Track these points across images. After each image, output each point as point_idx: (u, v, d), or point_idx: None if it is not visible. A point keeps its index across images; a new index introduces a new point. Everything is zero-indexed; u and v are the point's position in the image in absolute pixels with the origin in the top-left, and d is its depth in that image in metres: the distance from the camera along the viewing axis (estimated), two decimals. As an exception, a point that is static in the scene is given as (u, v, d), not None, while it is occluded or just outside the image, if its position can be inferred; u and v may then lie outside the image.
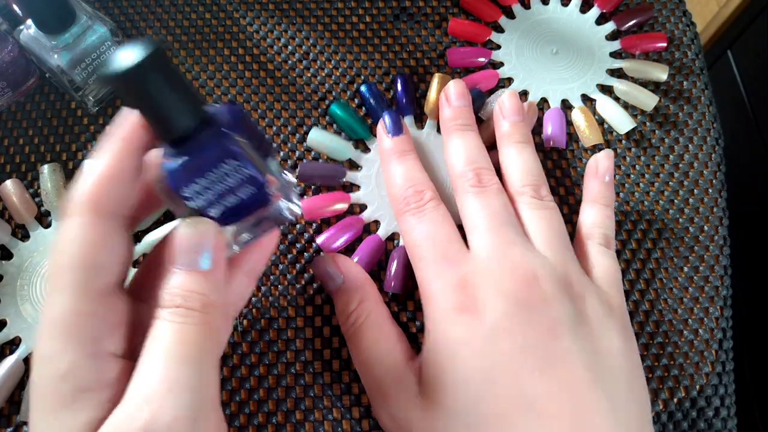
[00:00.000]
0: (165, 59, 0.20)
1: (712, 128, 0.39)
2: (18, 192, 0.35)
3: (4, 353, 0.32)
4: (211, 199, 0.21)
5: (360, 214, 0.35)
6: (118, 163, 0.21)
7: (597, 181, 0.33)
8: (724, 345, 0.34)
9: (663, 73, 0.38)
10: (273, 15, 0.41)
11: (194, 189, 0.21)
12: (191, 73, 0.39)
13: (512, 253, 0.27)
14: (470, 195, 0.30)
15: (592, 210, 0.32)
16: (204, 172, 0.21)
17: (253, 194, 0.22)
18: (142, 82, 0.20)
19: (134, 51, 0.19)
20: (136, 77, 0.19)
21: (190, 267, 0.20)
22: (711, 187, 0.37)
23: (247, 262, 0.26)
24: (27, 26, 0.34)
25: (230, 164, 0.21)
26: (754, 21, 0.82)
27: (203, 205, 0.21)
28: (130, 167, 0.21)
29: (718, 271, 0.35)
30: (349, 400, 0.31)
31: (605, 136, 0.38)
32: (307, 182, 0.35)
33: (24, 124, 0.37)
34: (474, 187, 0.30)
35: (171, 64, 0.20)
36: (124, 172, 0.21)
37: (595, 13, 0.41)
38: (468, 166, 0.31)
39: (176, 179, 0.21)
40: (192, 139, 0.21)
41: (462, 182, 0.30)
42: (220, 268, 0.21)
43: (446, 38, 0.41)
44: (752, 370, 0.74)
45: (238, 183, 0.21)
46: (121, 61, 0.19)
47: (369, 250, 0.33)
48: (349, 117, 0.37)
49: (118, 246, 0.21)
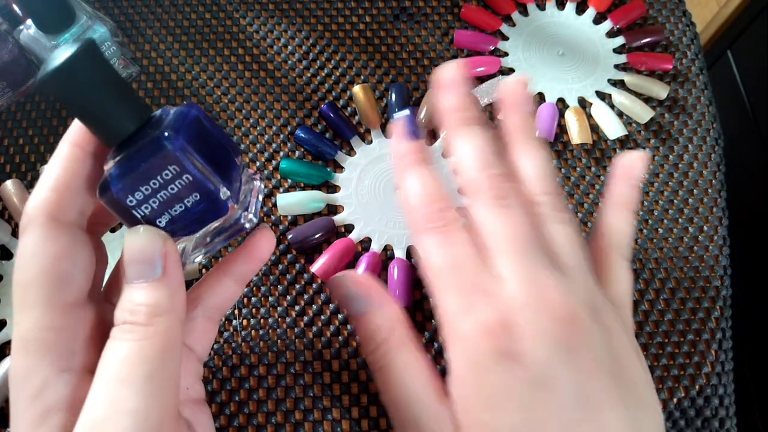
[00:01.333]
0: (97, 59, 0.19)
1: (712, 128, 0.39)
2: (18, 192, 0.35)
3: (4, 353, 0.32)
4: (155, 209, 0.20)
5: (342, 227, 0.35)
6: (71, 170, 0.20)
7: (630, 184, 0.29)
8: (724, 345, 0.34)
9: (663, 91, 0.39)
10: (273, 15, 0.41)
11: (137, 197, 0.20)
12: (191, 73, 0.39)
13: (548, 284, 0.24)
14: (491, 209, 0.25)
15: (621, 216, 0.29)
16: (147, 179, 0.19)
17: (203, 203, 0.20)
18: (69, 84, 0.18)
19: (64, 52, 0.18)
20: (63, 79, 0.18)
21: (132, 279, 0.20)
22: (711, 187, 0.37)
23: (237, 269, 0.25)
24: (27, 26, 0.34)
25: (173, 171, 0.19)
26: (754, 21, 0.82)
27: (149, 214, 0.20)
28: (84, 173, 0.20)
29: (718, 271, 0.35)
30: (348, 400, 0.31)
31: (600, 141, 0.38)
32: (302, 247, 0.34)
33: (24, 124, 0.37)
34: (495, 201, 0.25)
35: (105, 64, 0.19)
36: (78, 178, 0.20)
37: (592, 14, 0.42)
38: (484, 171, 0.26)
39: (118, 186, 0.19)
40: (133, 143, 0.20)
41: (478, 191, 0.26)
42: (171, 275, 0.20)
43: (446, 38, 0.41)
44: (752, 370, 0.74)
45: (185, 190, 0.20)
46: (50, 64, 0.18)
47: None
48: (301, 167, 0.36)
49: (83, 255, 0.20)
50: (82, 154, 0.20)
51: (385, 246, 0.35)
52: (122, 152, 0.20)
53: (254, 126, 0.38)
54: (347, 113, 0.38)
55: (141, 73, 0.39)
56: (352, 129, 0.37)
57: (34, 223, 0.19)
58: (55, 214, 0.20)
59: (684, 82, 0.40)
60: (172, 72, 0.39)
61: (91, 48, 0.18)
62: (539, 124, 0.37)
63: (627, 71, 0.40)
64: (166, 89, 0.38)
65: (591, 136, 0.38)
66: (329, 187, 0.36)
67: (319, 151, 0.36)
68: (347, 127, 0.37)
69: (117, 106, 0.19)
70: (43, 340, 0.19)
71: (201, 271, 0.34)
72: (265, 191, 0.36)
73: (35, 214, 0.20)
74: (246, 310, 0.33)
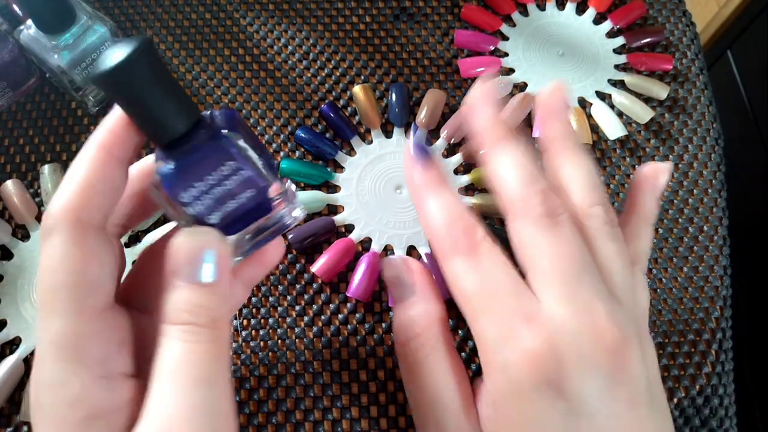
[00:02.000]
0: (154, 57, 0.19)
1: (712, 128, 0.39)
2: (18, 192, 0.35)
3: (4, 353, 0.32)
4: (210, 204, 0.20)
5: (343, 227, 0.35)
6: (98, 173, 0.20)
7: (654, 197, 0.27)
8: (724, 345, 0.34)
9: (663, 92, 0.39)
10: (273, 15, 0.41)
11: (192, 194, 0.20)
12: (191, 73, 0.39)
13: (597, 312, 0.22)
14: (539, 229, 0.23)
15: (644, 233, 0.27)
16: (202, 175, 0.20)
17: (255, 198, 0.21)
18: (130, 81, 0.19)
19: (123, 48, 0.18)
20: (124, 76, 0.18)
21: (193, 280, 0.19)
22: (711, 187, 0.37)
23: (247, 273, 0.25)
24: (27, 26, 0.34)
25: (229, 166, 0.20)
26: (754, 21, 0.82)
27: (202, 210, 0.20)
28: (111, 175, 0.20)
29: (718, 271, 0.35)
30: (348, 400, 0.31)
31: (599, 141, 0.38)
32: (302, 246, 0.34)
33: (24, 124, 0.37)
34: (544, 219, 0.23)
35: (161, 62, 0.19)
36: (104, 181, 0.20)
37: (592, 14, 0.42)
38: (530, 187, 0.24)
39: (172, 184, 0.20)
40: (187, 141, 0.20)
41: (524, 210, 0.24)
42: (225, 280, 0.20)
43: (446, 38, 0.41)
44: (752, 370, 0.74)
45: (239, 186, 0.20)
46: (109, 60, 0.18)
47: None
48: (301, 167, 0.36)
49: (109, 259, 0.20)
50: (109, 157, 0.20)
51: (386, 246, 0.35)
52: (175, 150, 0.20)
53: (254, 126, 0.38)
54: (347, 113, 0.38)
55: (141, 73, 0.39)
56: (353, 129, 0.37)
57: (61, 225, 0.19)
58: (82, 217, 0.19)
59: (684, 82, 0.40)
60: (172, 72, 0.39)
61: (148, 46, 0.18)
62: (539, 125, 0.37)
63: (627, 71, 0.40)
64: (167, 89, 0.38)
65: (591, 137, 0.38)
66: (329, 187, 0.36)
67: (319, 151, 0.36)
68: (347, 127, 0.37)
69: (171, 106, 0.20)
70: (78, 347, 0.19)
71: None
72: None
73: (62, 216, 0.19)
74: (246, 310, 0.33)
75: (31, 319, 0.32)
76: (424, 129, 0.30)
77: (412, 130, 0.28)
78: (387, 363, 0.32)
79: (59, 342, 0.19)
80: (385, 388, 0.31)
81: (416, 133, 0.27)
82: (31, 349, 0.32)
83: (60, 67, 0.33)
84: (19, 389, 0.31)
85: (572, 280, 0.23)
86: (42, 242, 0.19)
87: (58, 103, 0.38)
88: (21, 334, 0.32)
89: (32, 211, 0.34)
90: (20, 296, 0.33)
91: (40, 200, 0.35)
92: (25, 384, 0.31)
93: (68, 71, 0.34)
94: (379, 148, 0.37)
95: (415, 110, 0.38)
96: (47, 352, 0.19)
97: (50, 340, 0.19)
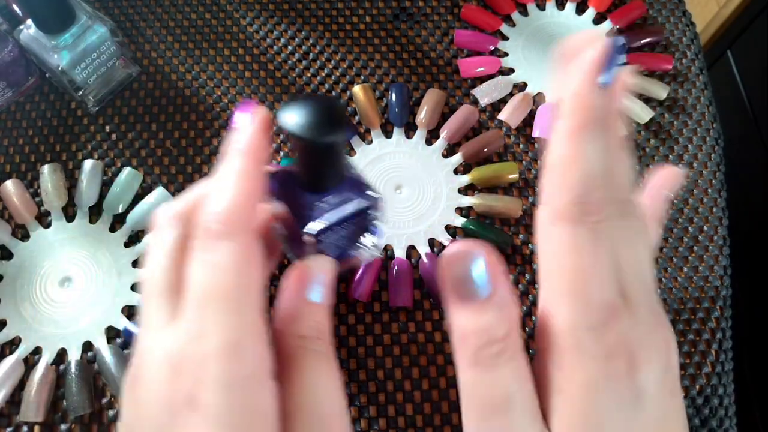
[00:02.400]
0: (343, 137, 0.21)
1: (712, 128, 0.39)
2: (18, 192, 0.35)
3: (3, 353, 0.32)
4: (340, 245, 0.24)
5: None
6: (257, 180, 0.21)
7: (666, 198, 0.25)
8: (724, 345, 0.34)
9: (663, 92, 0.39)
10: (273, 15, 0.41)
11: (331, 237, 0.23)
12: (191, 73, 0.39)
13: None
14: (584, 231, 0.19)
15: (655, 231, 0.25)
16: (344, 225, 0.23)
17: (372, 240, 0.24)
18: (334, 152, 0.21)
19: (332, 118, 0.20)
20: (333, 148, 0.21)
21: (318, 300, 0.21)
22: (710, 187, 0.37)
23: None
24: (27, 26, 0.34)
25: (370, 215, 0.23)
26: (754, 21, 0.82)
27: (333, 251, 0.23)
28: (263, 184, 0.21)
29: (718, 271, 0.35)
30: (347, 400, 0.31)
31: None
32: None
33: (24, 124, 0.37)
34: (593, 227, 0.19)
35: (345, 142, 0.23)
36: (262, 188, 0.21)
37: (592, 14, 0.42)
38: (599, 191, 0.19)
39: (322, 237, 0.22)
40: (337, 191, 0.23)
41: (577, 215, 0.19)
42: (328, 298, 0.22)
43: (446, 38, 0.41)
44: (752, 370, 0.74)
45: (363, 231, 0.23)
46: (316, 127, 0.20)
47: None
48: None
49: (266, 264, 0.22)
50: (260, 165, 0.21)
51: (385, 246, 0.35)
52: (325, 197, 0.23)
53: (254, 126, 0.38)
54: (347, 113, 0.38)
55: (141, 73, 0.39)
56: (352, 129, 0.37)
57: (238, 231, 0.19)
58: (252, 223, 0.20)
59: (684, 82, 0.40)
60: (172, 72, 0.39)
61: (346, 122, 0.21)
62: (539, 125, 0.37)
63: (627, 71, 0.40)
64: (167, 89, 0.38)
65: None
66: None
67: None
68: (347, 127, 0.37)
69: (344, 163, 0.23)
70: (260, 348, 0.19)
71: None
72: None
73: (236, 222, 0.19)
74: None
75: (31, 319, 0.32)
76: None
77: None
78: (386, 363, 0.32)
79: (239, 342, 0.18)
80: (384, 387, 0.31)
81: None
82: (31, 349, 0.32)
83: (60, 66, 0.33)
84: (18, 389, 0.31)
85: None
86: (202, 242, 0.19)
87: (58, 103, 0.38)
88: (21, 334, 0.32)
89: (32, 211, 0.34)
90: (20, 296, 0.33)
91: (39, 200, 0.35)
92: (24, 384, 0.31)
93: (68, 71, 0.34)
94: (378, 148, 0.37)
95: (415, 110, 0.38)
96: (223, 350, 0.18)
97: (227, 339, 0.18)
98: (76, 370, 0.31)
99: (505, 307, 0.19)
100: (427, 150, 0.37)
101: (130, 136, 0.37)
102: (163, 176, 0.36)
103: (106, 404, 0.31)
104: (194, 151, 0.37)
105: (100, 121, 0.37)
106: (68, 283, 0.33)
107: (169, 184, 0.36)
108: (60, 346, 0.32)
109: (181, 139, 0.37)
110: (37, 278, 0.33)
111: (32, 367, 0.31)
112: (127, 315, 0.33)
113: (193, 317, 0.19)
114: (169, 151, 0.37)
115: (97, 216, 0.35)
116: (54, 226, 0.34)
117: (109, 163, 0.36)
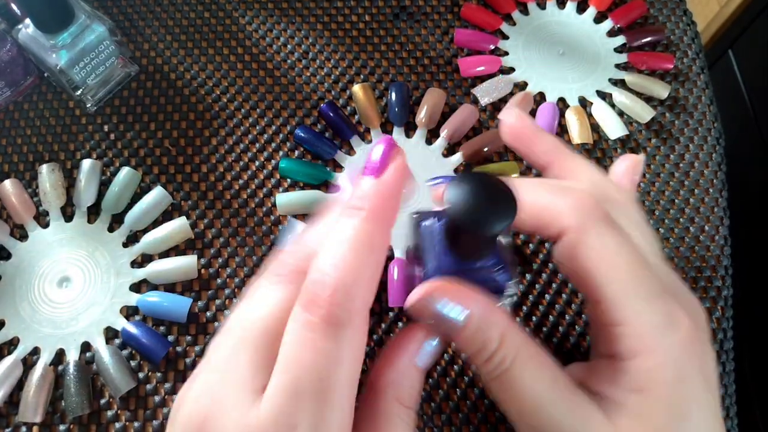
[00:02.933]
0: None
1: (713, 128, 0.38)
2: (16, 192, 0.34)
3: (2, 354, 0.32)
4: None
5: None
6: (382, 263, 0.20)
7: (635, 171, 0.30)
8: (724, 345, 0.33)
9: (664, 91, 0.39)
10: (272, 14, 0.41)
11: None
12: (190, 72, 0.39)
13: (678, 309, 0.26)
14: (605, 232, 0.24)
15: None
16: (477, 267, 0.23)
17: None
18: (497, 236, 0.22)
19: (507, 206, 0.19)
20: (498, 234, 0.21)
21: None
22: (712, 187, 0.37)
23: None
24: (26, 25, 0.33)
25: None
26: (755, 20, 0.82)
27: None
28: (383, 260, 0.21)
29: (719, 271, 0.35)
30: None
31: (600, 141, 0.38)
32: None
33: (22, 123, 0.37)
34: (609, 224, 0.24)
35: None
36: (381, 266, 0.20)
37: (592, 13, 0.42)
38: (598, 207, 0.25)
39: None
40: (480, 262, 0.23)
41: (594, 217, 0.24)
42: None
43: (446, 37, 0.41)
44: (752, 370, 0.74)
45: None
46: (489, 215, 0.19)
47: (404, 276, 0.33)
48: (301, 167, 0.36)
49: None
50: (388, 239, 0.21)
51: (385, 246, 0.34)
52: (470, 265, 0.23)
53: (254, 125, 0.37)
54: (347, 112, 0.38)
55: (140, 72, 0.39)
56: (352, 128, 0.37)
57: (354, 317, 0.19)
58: (368, 307, 0.19)
59: (685, 81, 0.40)
60: (171, 71, 0.39)
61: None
62: (540, 124, 0.37)
63: (628, 70, 0.40)
64: (166, 89, 0.38)
65: (592, 136, 0.38)
66: (329, 187, 0.36)
67: (318, 151, 0.36)
68: (347, 127, 0.37)
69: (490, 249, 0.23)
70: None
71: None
72: None
73: (354, 309, 0.19)
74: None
75: (29, 319, 0.32)
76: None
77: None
78: (386, 363, 0.32)
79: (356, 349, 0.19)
80: (384, 388, 0.31)
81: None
82: (29, 349, 0.32)
83: (58, 66, 0.33)
84: (17, 389, 0.31)
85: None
86: (311, 320, 0.18)
87: (56, 103, 0.38)
88: (19, 334, 0.32)
89: (30, 211, 0.34)
90: (18, 296, 0.32)
91: (38, 200, 0.35)
92: (23, 384, 0.31)
93: (66, 70, 0.34)
94: (378, 148, 0.37)
95: (414, 109, 0.38)
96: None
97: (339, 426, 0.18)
98: (74, 370, 0.30)
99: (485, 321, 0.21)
100: (427, 149, 0.37)
101: (129, 136, 0.37)
102: (162, 176, 0.36)
103: (104, 405, 0.31)
104: (193, 151, 0.37)
105: (98, 121, 0.37)
106: (67, 283, 0.33)
107: (168, 184, 0.36)
108: (58, 347, 0.32)
109: (180, 139, 0.37)
110: (36, 278, 0.33)
111: (31, 367, 0.31)
112: (125, 315, 0.32)
113: (285, 403, 0.18)
114: (168, 150, 0.37)
115: (95, 216, 0.35)
116: (52, 226, 0.34)
117: (108, 163, 0.36)
